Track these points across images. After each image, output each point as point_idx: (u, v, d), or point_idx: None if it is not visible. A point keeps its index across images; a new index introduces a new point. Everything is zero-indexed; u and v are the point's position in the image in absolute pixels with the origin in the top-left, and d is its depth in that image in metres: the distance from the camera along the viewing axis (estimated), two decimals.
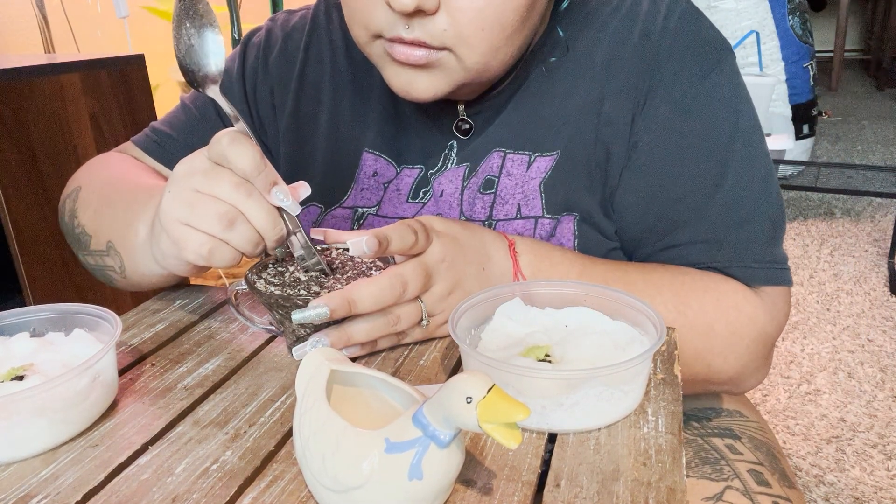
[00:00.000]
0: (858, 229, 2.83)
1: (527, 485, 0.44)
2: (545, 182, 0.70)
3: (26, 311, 0.58)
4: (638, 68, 0.68)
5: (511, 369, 0.48)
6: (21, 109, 1.48)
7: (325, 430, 0.41)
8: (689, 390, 0.69)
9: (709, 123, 0.67)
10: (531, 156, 0.71)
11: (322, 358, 0.46)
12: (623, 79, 0.68)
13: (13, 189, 1.47)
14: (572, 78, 0.70)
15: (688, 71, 0.67)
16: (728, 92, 0.68)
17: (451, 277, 0.59)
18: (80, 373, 0.49)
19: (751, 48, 3.01)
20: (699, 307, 0.65)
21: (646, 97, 0.68)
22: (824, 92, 5.42)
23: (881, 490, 1.46)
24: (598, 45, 0.70)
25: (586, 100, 0.70)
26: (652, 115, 0.67)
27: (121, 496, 0.44)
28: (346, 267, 0.62)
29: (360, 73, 0.77)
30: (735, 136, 0.68)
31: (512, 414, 0.36)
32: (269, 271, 0.61)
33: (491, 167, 0.72)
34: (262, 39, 0.82)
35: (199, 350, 0.63)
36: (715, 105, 0.67)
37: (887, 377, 1.84)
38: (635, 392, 0.50)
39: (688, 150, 0.67)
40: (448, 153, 0.75)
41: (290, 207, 0.55)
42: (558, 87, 0.71)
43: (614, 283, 0.63)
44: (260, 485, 0.45)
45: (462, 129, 0.74)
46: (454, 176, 0.74)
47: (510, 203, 0.71)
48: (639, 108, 0.68)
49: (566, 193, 0.70)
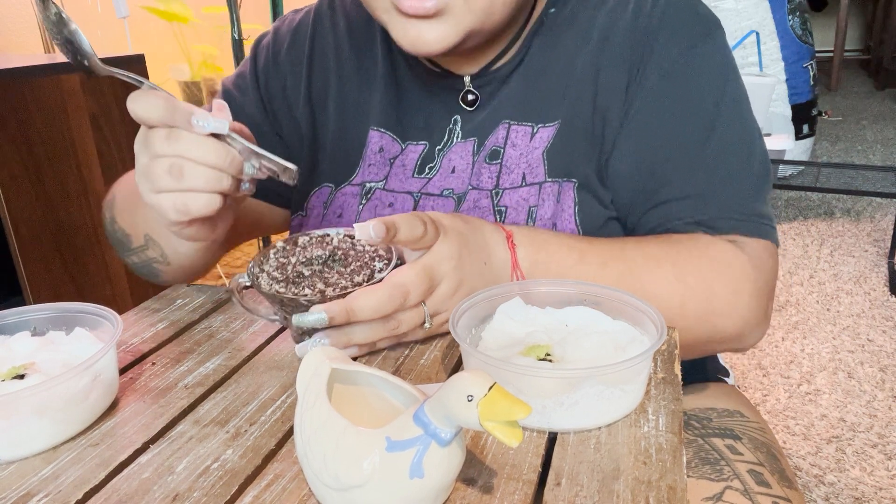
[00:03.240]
0: (858, 229, 2.83)
1: (527, 483, 0.44)
2: (548, 150, 0.73)
3: (27, 310, 0.58)
4: (631, 41, 0.71)
5: (511, 368, 0.48)
6: (21, 109, 1.48)
7: (326, 428, 0.41)
8: (695, 353, 0.70)
9: (696, 88, 0.70)
10: (534, 126, 0.73)
11: (323, 357, 0.46)
12: (618, 51, 0.71)
13: (13, 189, 1.47)
14: (571, 51, 0.73)
15: (678, 41, 0.70)
16: (716, 62, 0.71)
17: (456, 277, 0.59)
18: (81, 372, 0.49)
19: (751, 48, 3.01)
20: (698, 272, 0.66)
21: (638, 67, 0.70)
22: (824, 92, 5.42)
23: (881, 490, 1.46)
24: (596, 20, 0.73)
25: (584, 72, 0.72)
26: (643, 82, 0.70)
27: (121, 495, 0.44)
28: (348, 258, 0.60)
29: (364, 57, 0.80)
30: (721, 101, 0.70)
31: (513, 412, 0.36)
32: (271, 263, 0.61)
33: (497, 138, 0.74)
34: (270, 40, 0.84)
35: (199, 349, 0.63)
36: (703, 72, 0.70)
37: (887, 377, 1.84)
38: (636, 391, 0.50)
39: (675, 112, 0.70)
40: (453, 128, 0.76)
41: (219, 128, 0.54)
42: (558, 61, 0.74)
43: (613, 263, 0.64)
44: (261, 483, 0.45)
45: (468, 101, 0.76)
46: (464, 151, 0.76)
47: (515, 172, 0.73)
48: (633, 77, 0.71)
49: (567, 160, 0.72)
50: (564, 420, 0.48)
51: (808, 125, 3.24)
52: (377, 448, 0.39)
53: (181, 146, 0.53)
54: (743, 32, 2.99)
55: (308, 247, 0.62)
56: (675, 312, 0.65)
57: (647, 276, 0.65)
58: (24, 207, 1.50)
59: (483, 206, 0.74)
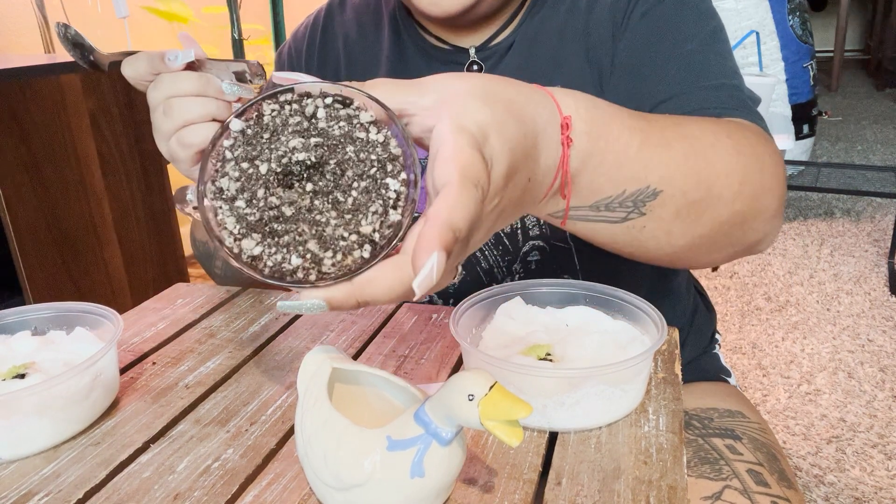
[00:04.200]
0: (858, 229, 2.83)
1: (528, 483, 0.44)
2: None
3: (28, 309, 0.58)
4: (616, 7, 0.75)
5: (512, 368, 0.48)
6: (21, 109, 1.48)
7: (326, 428, 0.41)
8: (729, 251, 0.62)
9: (677, 19, 0.73)
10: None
11: (324, 356, 0.46)
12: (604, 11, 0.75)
13: (13, 189, 1.47)
14: (563, 20, 0.77)
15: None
16: (697, 6, 0.74)
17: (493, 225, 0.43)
18: (82, 371, 0.49)
19: (751, 48, 3.01)
20: (748, 144, 0.61)
21: (622, 15, 0.75)
22: (824, 92, 5.42)
23: (881, 490, 1.46)
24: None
25: (574, 36, 0.76)
26: (627, 26, 0.74)
27: (122, 494, 0.44)
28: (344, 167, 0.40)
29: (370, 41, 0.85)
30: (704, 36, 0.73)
31: (514, 411, 0.36)
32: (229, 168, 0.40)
33: None
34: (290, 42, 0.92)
35: (199, 349, 0.63)
36: (684, 10, 0.74)
37: (887, 377, 1.84)
38: (636, 391, 0.50)
39: (658, 38, 0.73)
40: None
41: (187, 56, 0.56)
42: (552, 30, 0.78)
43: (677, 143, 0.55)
44: (261, 483, 0.45)
45: (472, 71, 0.79)
46: None
47: None
48: (617, 26, 0.75)
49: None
50: (565, 419, 0.49)
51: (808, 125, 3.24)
52: (378, 447, 0.39)
53: (165, 88, 0.57)
54: (743, 32, 2.99)
55: (281, 131, 0.41)
56: (735, 191, 0.58)
57: (711, 151, 0.57)
58: (24, 207, 1.50)
59: None
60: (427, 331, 0.66)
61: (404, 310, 0.70)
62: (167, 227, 1.87)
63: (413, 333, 0.65)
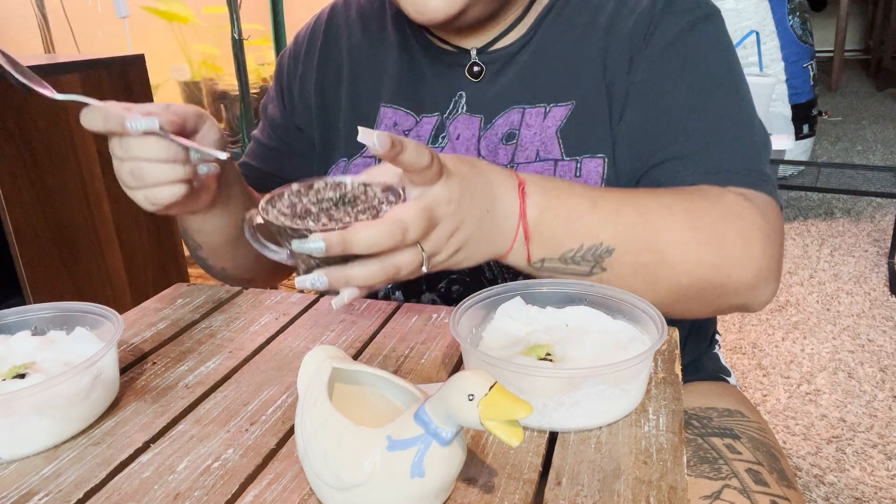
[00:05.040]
0: (858, 229, 2.83)
1: (528, 483, 0.44)
2: (561, 129, 0.75)
3: (28, 309, 0.58)
4: (636, 21, 0.74)
5: (512, 368, 0.48)
6: (21, 110, 1.48)
7: (326, 427, 0.41)
8: (709, 309, 0.69)
9: (698, 59, 0.73)
10: (547, 106, 0.76)
11: (324, 356, 0.46)
12: (624, 32, 0.74)
13: (13, 189, 1.47)
14: (581, 35, 0.77)
15: (680, 18, 0.73)
16: (717, 40, 0.74)
17: (454, 220, 0.56)
18: (82, 371, 0.49)
19: (751, 48, 3.01)
20: (710, 221, 0.65)
21: (642, 40, 0.74)
22: (824, 92, 5.41)
23: (881, 490, 1.46)
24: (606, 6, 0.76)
25: (593, 54, 0.75)
26: (646, 53, 0.73)
27: (122, 494, 0.44)
28: (357, 200, 0.59)
29: (374, 41, 0.85)
30: (722, 75, 0.73)
31: (514, 411, 0.36)
32: (283, 201, 0.60)
33: (511, 122, 0.77)
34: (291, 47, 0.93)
35: (200, 349, 0.63)
36: (704, 47, 0.74)
37: (887, 377, 1.84)
38: (636, 391, 0.50)
39: (677, 79, 0.73)
40: (458, 100, 0.80)
41: (150, 125, 0.59)
42: (569, 43, 0.77)
43: (626, 210, 0.63)
44: (261, 483, 0.45)
45: (473, 73, 0.80)
46: (469, 123, 0.79)
47: (529, 149, 0.76)
48: (636, 50, 0.74)
49: (584, 138, 0.75)
50: (565, 419, 0.49)
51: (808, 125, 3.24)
52: (378, 447, 0.39)
53: (132, 149, 0.60)
54: (743, 32, 2.99)
55: (322, 190, 0.61)
56: (690, 260, 0.64)
57: (661, 222, 0.63)
58: (24, 207, 1.50)
59: None
60: (427, 331, 0.66)
61: (404, 310, 0.70)
62: (167, 228, 1.87)
63: (413, 333, 0.65)
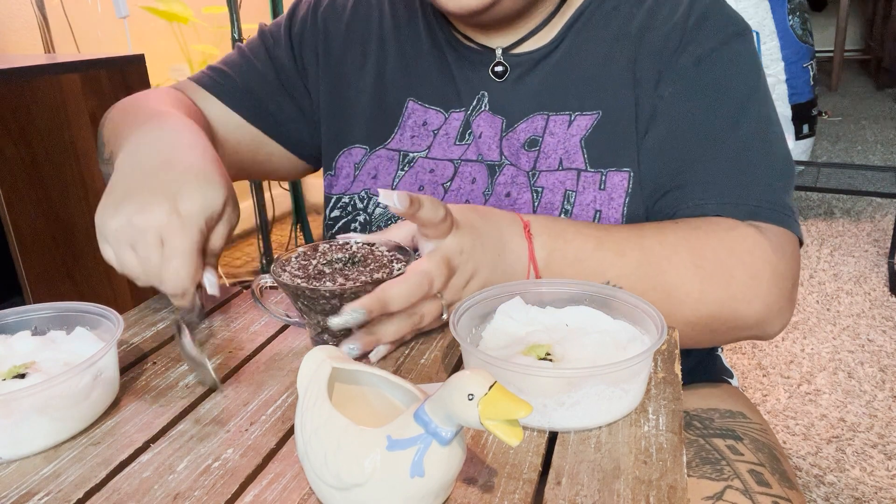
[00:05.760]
0: (858, 229, 2.83)
1: (528, 482, 0.44)
2: (586, 139, 0.75)
3: (28, 309, 0.58)
4: (666, 34, 0.74)
5: (512, 368, 0.48)
6: (21, 109, 1.48)
7: (326, 427, 0.41)
8: (720, 340, 0.71)
9: (726, 79, 0.73)
10: (571, 115, 0.76)
11: (323, 356, 0.46)
12: (654, 45, 0.74)
13: (13, 189, 1.47)
14: (609, 43, 0.76)
15: (712, 35, 0.73)
16: (747, 60, 0.74)
17: (469, 268, 0.60)
18: (82, 371, 0.49)
19: None
20: (715, 258, 0.66)
21: (672, 54, 0.73)
22: (824, 92, 5.41)
23: (881, 490, 1.46)
24: (635, 16, 0.76)
25: (621, 64, 0.75)
26: (676, 69, 0.73)
27: (122, 494, 0.44)
28: (367, 259, 0.63)
29: (404, 29, 0.84)
30: (750, 97, 0.73)
31: (514, 411, 0.36)
32: (292, 265, 0.63)
33: (535, 128, 0.77)
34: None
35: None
36: (734, 67, 0.73)
37: (887, 377, 1.84)
38: (636, 391, 0.50)
39: (705, 99, 0.72)
40: (481, 97, 0.80)
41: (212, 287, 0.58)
42: (596, 52, 0.76)
43: (631, 251, 0.65)
44: (261, 482, 0.45)
45: (497, 72, 0.79)
46: (492, 122, 0.79)
47: (552, 157, 0.76)
48: (665, 64, 0.73)
49: (609, 150, 0.74)
50: (565, 419, 0.49)
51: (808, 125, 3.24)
52: (378, 447, 0.39)
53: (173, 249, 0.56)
54: None
55: (328, 252, 0.65)
56: (695, 298, 0.65)
57: (665, 263, 0.65)
58: (24, 207, 1.50)
59: (520, 183, 0.76)
60: (427, 331, 0.66)
61: None
62: None
63: None
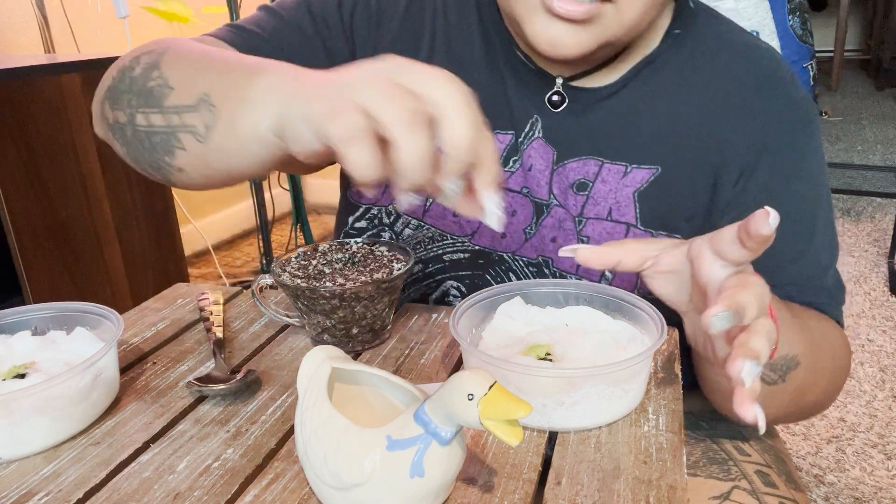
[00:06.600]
0: (858, 229, 2.83)
1: (528, 482, 0.44)
2: (640, 192, 0.70)
3: (28, 309, 0.58)
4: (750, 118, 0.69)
5: (512, 368, 0.48)
6: (21, 109, 1.48)
7: (326, 427, 0.41)
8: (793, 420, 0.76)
9: (809, 180, 0.71)
10: (627, 166, 0.71)
11: (323, 356, 0.46)
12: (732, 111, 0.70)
13: (13, 189, 1.47)
14: (677, 97, 0.71)
15: (794, 137, 0.70)
16: (819, 154, 0.72)
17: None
18: (82, 371, 0.49)
19: None
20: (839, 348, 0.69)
21: (757, 156, 0.69)
22: (824, 92, 5.41)
23: (881, 490, 1.46)
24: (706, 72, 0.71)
25: (690, 122, 0.70)
26: (759, 176, 0.69)
27: (122, 494, 0.44)
28: (367, 259, 0.64)
29: (455, 38, 0.76)
30: (823, 194, 0.72)
31: (513, 411, 0.36)
32: (292, 265, 0.63)
33: (586, 171, 0.72)
34: None
35: (200, 349, 0.63)
36: (813, 169, 0.71)
37: (887, 377, 1.84)
38: (636, 391, 0.50)
39: (792, 203, 0.70)
40: (535, 123, 0.73)
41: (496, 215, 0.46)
42: (661, 103, 0.71)
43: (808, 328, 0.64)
44: (261, 482, 0.45)
45: (553, 101, 0.73)
46: (544, 153, 0.73)
47: (602, 205, 0.71)
48: (752, 161, 0.69)
49: (665, 209, 0.70)
50: (565, 419, 0.49)
51: None
52: (378, 447, 0.39)
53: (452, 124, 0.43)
54: None
55: (328, 252, 0.65)
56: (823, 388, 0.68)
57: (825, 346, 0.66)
58: (24, 207, 1.50)
59: (567, 229, 0.72)
60: (427, 331, 0.66)
61: (404, 310, 0.70)
62: (167, 228, 1.87)
63: (413, 333, 0.65)
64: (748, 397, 0.44)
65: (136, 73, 0.61)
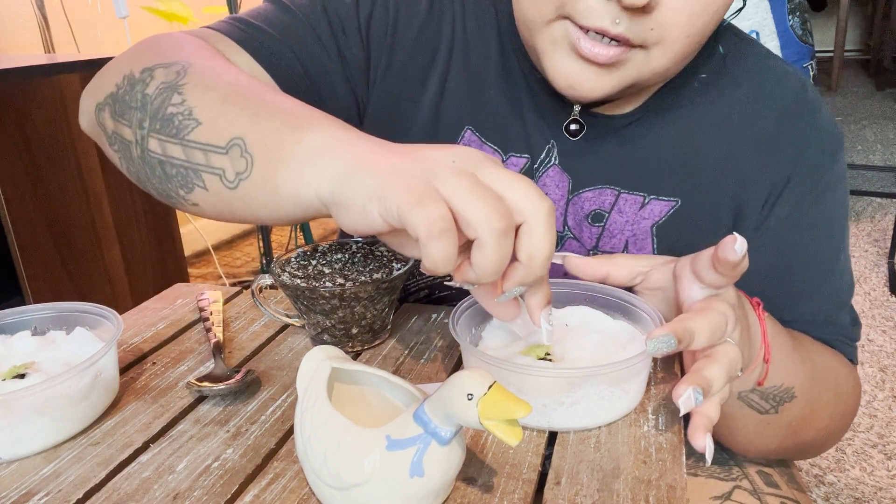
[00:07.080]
0: (858, 229, 2.83)
1: (527, 482, 0.44)
2: (658, 226, 0.69)
3: (27, 309, 0.58)
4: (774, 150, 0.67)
5: (512, 367, 0.48)
6: (21, 109, 1.48)
7: (326, 427, 0.41)
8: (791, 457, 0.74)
9: (830, 215, 0.69)
10: (646, 197, 0.69)
11: (323, 356, 0.46)
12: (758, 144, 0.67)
13: (13, 189, 1.47)
14: (697, 130, 0.68)
15: (818, 171, 0.67)
16: (843, 186, 0.70)
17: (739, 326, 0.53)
18: (82, 371, 0.49)
19: None
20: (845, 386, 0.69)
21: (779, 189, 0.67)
22: (824, 92, 5.41)
23: (881, 490, 1.46)
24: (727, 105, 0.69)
25: (711, 155, 0.68)
26: (783, 204, 0.67)
27: (122, 494, 0.44)
28: (367, 259, 0.64)
29: (473, 50, 0.71)
30: (845, 224, 0.70)
31: (513, 410, 0.36)
32: (292, 265, 0.63)
33: (602, 202, 0.69)
34: None
35: (199, 349, 0.63)
36: (836, 197, 0.69)
37: (887, 377, 1.84)
38: (636, 391, 0.50)
39: (812, 238, 0.68)
40: (551, 149, 0.70)
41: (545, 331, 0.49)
42: (682, 135, 0.69)
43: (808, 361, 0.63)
44: (261, 482, 0.45)
45: (570, 130, 0.70)
46: (560, 182, 0.70)
47: (618, 238, 0.70)
48: (774, 194, 0.67)
49: (684, 245, 0.66)
50: (564, 419, 0.49)
51: None
52: (377, 447, 0.39)
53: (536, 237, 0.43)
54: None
55: (328, 253, 0.65)
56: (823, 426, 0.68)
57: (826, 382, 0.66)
58: (24, 207, 1.50)
59: None
60: (427, 331, 0.66)
61: (404, 310, 0.70)
62: (167, 228, 1.88)
63: (413, 333, 0.65)
64: (702, 426, 0.45)
65: (152, 91, 0.55)
